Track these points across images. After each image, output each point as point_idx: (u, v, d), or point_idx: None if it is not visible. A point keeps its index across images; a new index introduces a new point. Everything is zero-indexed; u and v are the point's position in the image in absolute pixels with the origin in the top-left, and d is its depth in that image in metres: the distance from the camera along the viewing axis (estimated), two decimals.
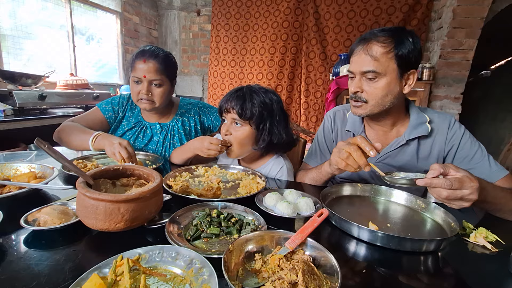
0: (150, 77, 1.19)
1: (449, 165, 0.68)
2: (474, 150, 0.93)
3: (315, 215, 0.61)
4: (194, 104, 1.47)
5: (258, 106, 1.01)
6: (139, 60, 1.18)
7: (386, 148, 1.01)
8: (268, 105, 1.03)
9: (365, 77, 0.90)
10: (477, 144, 0.94)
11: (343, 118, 1.13)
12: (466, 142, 0.95)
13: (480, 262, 0.62)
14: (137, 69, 1.18)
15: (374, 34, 0.89)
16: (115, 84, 3.56)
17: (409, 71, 0.89)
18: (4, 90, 2.12)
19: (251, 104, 1.01)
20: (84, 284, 0.42)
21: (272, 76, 3.72)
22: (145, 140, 1.34)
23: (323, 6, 3.34)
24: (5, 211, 0.61)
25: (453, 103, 2.92)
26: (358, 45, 0.91)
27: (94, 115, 1.33)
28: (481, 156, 0.92)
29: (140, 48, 1.23)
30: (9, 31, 2.45)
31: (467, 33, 2.71)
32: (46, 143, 0.62)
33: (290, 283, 0.44)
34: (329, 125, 1.16)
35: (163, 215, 0.68)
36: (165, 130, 1.36)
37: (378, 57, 0.87)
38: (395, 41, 0.86)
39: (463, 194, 0.65)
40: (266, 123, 1.04)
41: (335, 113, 1.16)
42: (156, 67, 1.19)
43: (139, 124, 1.36)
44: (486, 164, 0.91)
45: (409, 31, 0.89)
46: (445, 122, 0.98)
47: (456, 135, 0.96)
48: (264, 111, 1.02)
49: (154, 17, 4.16)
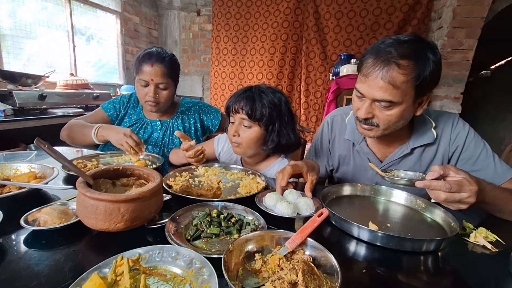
0: (157, 81, 1.23)
1: (449, 167, 0.67)
2: (478, 151, 0.90)
3: (315, 215, 0.61)
4: (194, 103, 1.50)
5: (268, 107, 0.98)
6: (146, 64, 1.21)
7: (389, 157, 0.97)
8: (277, 106, 1.01)
9: (377, 104, 0.81)
10: (482, 144, 0.91)
11: (341, 124, 1.08)
12: (470, 142, 0.91)
13: (480, 262, 0.62)
14: (144, 73, 1.22)
15: (393, 55, 0.75)
16: (115, 84, 3.56)
17: (425, 95, 0.81)
18: (4, 90, 2.12)
19: (261, 105, 0.98)
20: (84, 284, 0.42)
21: (272, 76, 3.72)
22: (145, 136, 1.39)
23: (323, 6, 3.34)
24: (5, 211, 0.61)
25: (453, 103, 2.92)
26: (375, 65, 0.77)
27: (97, 114, 1.40)
28: (486, 157, 0.89)
29: (146, 50, 1.26)
30: (9, 31, 2.45)
31: (467, 33, 2.71)
32: (46, 143, 0.62)
33: (290, 283, 0.44)
34: (326, 131, 1.12)
35: (163, 215, 0.68)
36: (164, 127, 1.40)
37: (398, 85, 0.75)
38: (417, 66, 0.74)
39: (461, 197, 0.64)
40: (276, 124, 1.01)
41: (332, 119, 1.11)
42: (163, 71, 1.23)
43: (140, 121, 1.41)
44: (491, 166, 0.88)
45: (430, 46, 0.77)
46: (448, 123, 0.93)
47: (460, 135, 0.92)
48: (273, 111, 1.00)
49: (154, 17, 4.16)
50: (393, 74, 0.75)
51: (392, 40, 0.78)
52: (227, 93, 4.02)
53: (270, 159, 1.15)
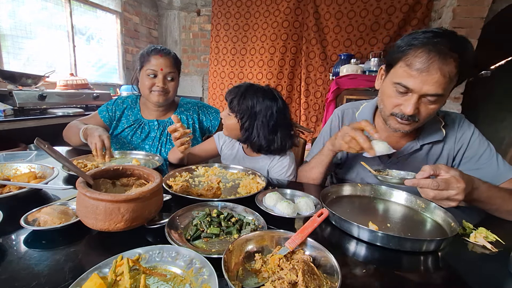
0: (167, 70, 1.29)
1: (440, 166, 0.69)
2: (482, 149, 0.91)
3: (315, 215, 0.61)
4: (193, 104, 1.50)
5: (246, 105, 1.06)
6: (155, 55, 1.28)
7: (398, 152, 0.98)
8: (255, 108, 1.06)
9: (424, 99, 0.79)
10: (486, 144, 0.92)
11: (352, 117, 1.09)
12: (474, 141, 0.93)
13: (480, 262, 0.62)
14: (153, 63, 1.28)
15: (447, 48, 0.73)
16: (115, 84, 3.56)
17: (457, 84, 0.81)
18: (4, 90, 2.11)
19: (241, 101, 1.06)
20: (84, 284, 0.42)
21: (272, 76, 3.72)
22: (142, 136, 1.40)
23: (323, 6, 3.34)
24: (5, 211, 0.61)
25: (453, 103, 2.92)
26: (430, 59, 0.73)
27: (93, 117, 1.44)
28: (489, 156, 0.90)
29: (151, 47, 1.32)
30: (9, 31, 2.45)
31: (467, 33, 2.71)
32: (46, 143, 0.62)
33: (290, 283, 0.44)
34: (336, 124, 1.13)
35: (163, 215, 0.67)
36: (162, 126, 1.41)
37: (452, 79, 0.75)
38: (464, 58, 0.74)
39: (449, 194, 0.67)
40: (247, 122, 1.08)
41: (343, 112, 1.12)
42: (171, 61, 1.31)
43: (137, 122, 1.41)
44: (493, 165, 0.89)
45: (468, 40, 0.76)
46: (455, 122, 0.96)
47: (465, 135, 0.94)
48: (250, 110, 1.06)
49: (154, 17, 4.16)
50: (450, 67, 0.73)
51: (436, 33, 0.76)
52: None
53: None
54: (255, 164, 1.17)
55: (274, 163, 1.14)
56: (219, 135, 1.31)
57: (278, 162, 1.14)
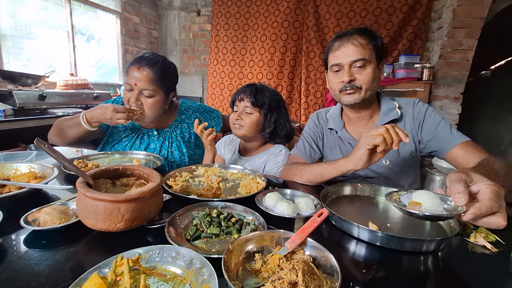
0: (141, 86, 1.13)
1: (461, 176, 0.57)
2: (437, 121, 1.02)
3: (315, 215, 0.61)
4: (195, 109, 1.43)
5: (268, 99, 1.22)
6: (133, 67, 1.14)
7: None
8: (275, 100, 1.24)
9: (354, 67, 1.00)
10: (440, 117, 1.04)
11: (324, 117, 1.26)
12: (429, 115, 1.05)
13: (480, 262, 0.62)
14: (130, 76, 1.14)
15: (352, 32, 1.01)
16: (115, 84, 3.56)
17: (382, 61, 1.04)
18: (4, 90, 2.12)
19: (262, 96, 1.21)
20: (84, 284, 0.42)
21: (272, 76, 3.71)
22: (141, 147, 1.31)
23: (323, 6, 3.34)
24: (5, 211, 0.61)
25: (453, 103, 2.92)
26: (341, 40, 1.01)
27: None
28: (443, 125, 1.01)
29: (139, 54, 1.19)
30: (9, 31, 2.45)
31: (467, 33, 2.71)
32: (46, 143, 0.62)
33: (290, 283, 0.44)
34: (313, 123, 1.28)
35: (163, 215, 0.68)
36: (162, 137, 1.32)
37: (364, 46, 0.99)
38: (371, 36, 1.00)
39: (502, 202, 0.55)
40: (274, 113, 1.24)
41: (317, 114, 1.29)
42: (150, 76, 1.13)
43: (136, 130, 1.33)
44: (447, 131, 1.00)
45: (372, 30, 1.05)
46: (409, 104, 1.09)
47: (420, 112, 1.06)
48: (272, 102, 1.22)
49: (154, 17, 4.16)
50: (357, 38, 0.99)
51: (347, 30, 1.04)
52: (226, 93, 4.00)
53: (266, 145, 1.34)
54: (251, 164, 1.25)
55: (270, 159, 1.24)
56: (218, 146, 1.38)
57: (274, 158, 1.24)
